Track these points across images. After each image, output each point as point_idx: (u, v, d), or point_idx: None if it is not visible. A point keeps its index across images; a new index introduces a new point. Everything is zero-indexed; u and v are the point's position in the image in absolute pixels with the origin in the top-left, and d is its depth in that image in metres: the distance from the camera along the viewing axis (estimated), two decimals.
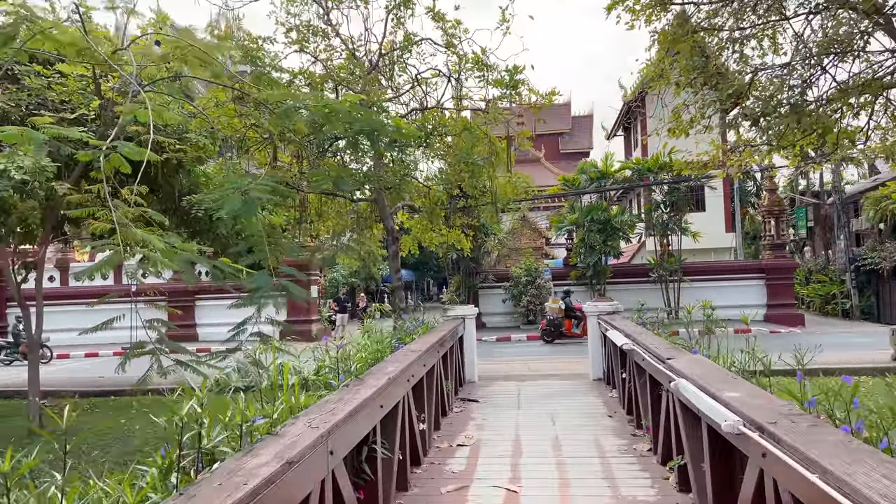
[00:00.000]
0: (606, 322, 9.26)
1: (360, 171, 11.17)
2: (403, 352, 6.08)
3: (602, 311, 10.12)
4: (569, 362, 15.75)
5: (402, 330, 8.08)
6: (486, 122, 12.45)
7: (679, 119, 12.04)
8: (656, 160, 24.38)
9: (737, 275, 25.60)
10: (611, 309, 10.12)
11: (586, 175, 25.47)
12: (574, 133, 67.87)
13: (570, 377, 12.58)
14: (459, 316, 10.26)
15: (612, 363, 9.06)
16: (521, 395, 9.19)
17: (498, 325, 26.06)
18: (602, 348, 10.07)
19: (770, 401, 3.51)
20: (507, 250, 33.85)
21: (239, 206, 9.22)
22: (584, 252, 24.33)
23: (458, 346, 9.61)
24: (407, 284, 49.98)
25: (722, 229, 30.32)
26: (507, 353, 19.33)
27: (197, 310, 27.18)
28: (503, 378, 12.78)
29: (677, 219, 24.60)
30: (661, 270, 24.39)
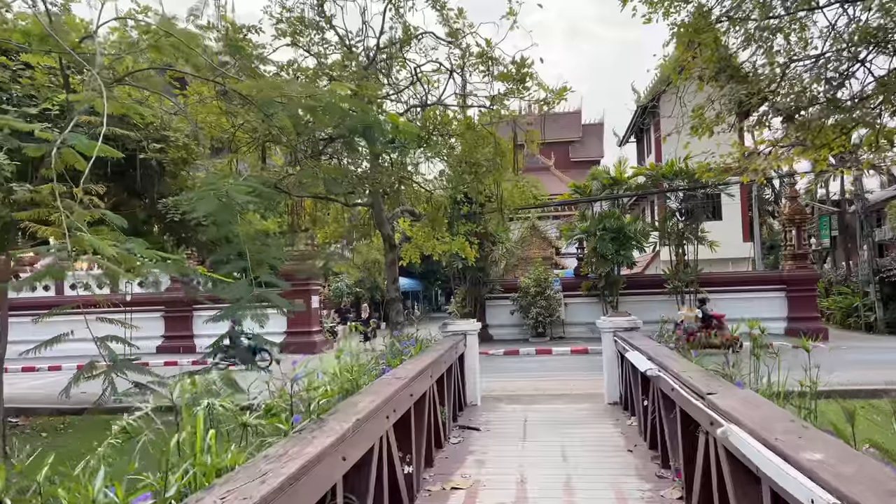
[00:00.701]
0: (624, 340, 8.25)
1: (353, 172, 10.24)
2: (386, 380, 5.10)
3: (618, 327, 9.11)
4: (579, 380, 14.69)
5: (393, 350, 7.11)
6: (492, 122, 11.49)
7: (702, 117, 11.03)
8: (671, 166, 23.33)
9: (756, 286, 24.46)
10: (628, 324, 9.11)
11: (598, 181, 24.45)
12: (584, 141, 66.92)
13: (581, 399, 11.54)
14: (460, 331, 9.28)
15: (630, 386, 8.04)
16: (527, 422, 8.18)
17: (506, 337, 25.03)
18: (618, 369, 9.05)
19: (872, 470, 2.51)
20: (515, 260, 32.84)
21: (215, 209, 8.32)
22: (596, 262, 23.28)
23: (458, 366, 8.62)
24: (413, 294, 48.99)
25: (739, 238, 29.18)
26: (515, 368, 18.28)
27: (195, 320, 26.30)
28: (508, 399, 11.76)
29: (693, 227, 23.51)
30: (676, 281, 23.30)
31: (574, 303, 25.04)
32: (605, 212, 23.83)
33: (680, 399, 4.78)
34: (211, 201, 8.14)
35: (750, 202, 28.49)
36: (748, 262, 29.46)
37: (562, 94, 10.18)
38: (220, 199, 8.37)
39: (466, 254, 14.76)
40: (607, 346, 9.26)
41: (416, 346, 6.93)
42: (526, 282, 24.17)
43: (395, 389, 4.69)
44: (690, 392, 4.48)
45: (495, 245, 25.09)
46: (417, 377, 5.53)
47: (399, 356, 6.65)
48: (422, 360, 6.25)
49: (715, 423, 3.83)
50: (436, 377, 6.61)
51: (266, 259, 9.38)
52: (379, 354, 6.37)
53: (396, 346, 7.17)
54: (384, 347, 7.92)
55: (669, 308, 23.63)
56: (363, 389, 4.70)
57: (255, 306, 8.41)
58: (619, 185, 24.25)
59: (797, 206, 24.17)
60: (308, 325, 25.37)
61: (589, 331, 24.83)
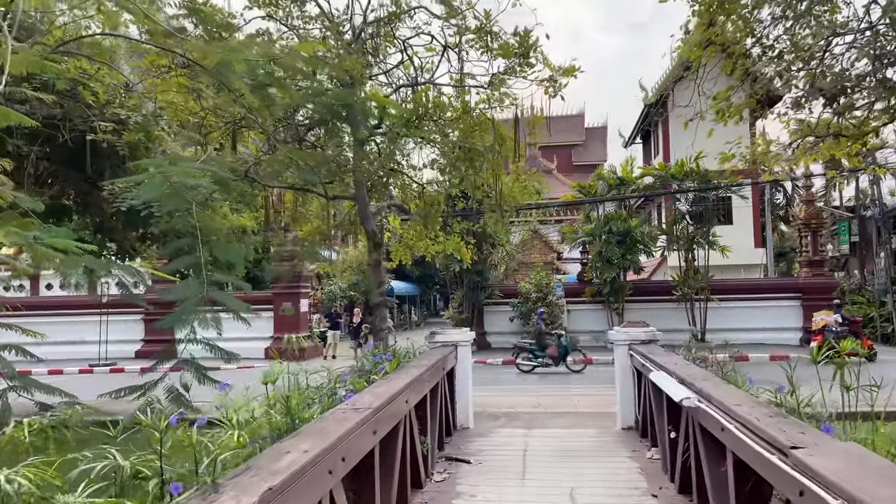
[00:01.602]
0: (643, 355, 6.96)
1: (332, 159, 8.98)
2: (340, 413, 3.82)
3: (634, 340, 7.82)
4: (584, 395, 13.39)
5: (364, 366, 5.83)
6: (490, 106, 10.21)
7: (728, 99, 9.76)
8: (681, 166, 22.08)
9: (770, 294, 23.15)
10: (646, 336, 7.82)
11: (604, 182, 23.18)
12: (588, 145, 65.83)
13: (588, 419, 10.25)
14: (449, 342, 7.99)
15: (650, 410, 6.75)
16: (527, 452, 6.87)
17: (505, 345, 23.67)
18: (633, 388, 7.75)
19: None
20: (515, 264, 31.55)
21: (164, 196, 7.04)
22: (601, 266, 21.99)
23: (447, 384, 7.33)
24: (410, 299, 47.65)
25: (750, 244, 27.85)
26: (514, 379, 16.96)
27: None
28: (506, 418, 10.47)
29: (704, 231, 22.23)
30: (685, 288, 21.99)
31: (577, 310, 23.73)
32: (611, 214, 22.55)
33: (738, 445, 3.49)
34: (154, 187, 6.86)
35: (762, 206, 27.21)
36: (759, 269, 28.15)
37: (571, 72, 8.92)
38: (168, 185, 7.12)
39: (462, 255, 13.48)
40: (620, 360, 7.97)
41: (391, 363, 5.64)
42: (526, 287, 22.88)
43: (347, 429, 3.40)
44: (758, 439, 3.19)
45: (495, 248, 23.81)
46: (387, 406, 4.24)
47: (369, 375, 5.37)
48: (396, 381, 4.95)
49: (810, 496, 2.55)
50: (415, 401, 5.32)
51: (227, 257, 8.13)
52: (341, 374, 5.08)
53: (369, 361, 5.90)
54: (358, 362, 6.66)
55: (678, 316, 22.36)
56: (304, 429, 3.41)
57: (205, 310, 7.15)
58: (625, 185, 22.98)
59: (814, 210, 22.90)
60: (296, 330, 24.05)
61: (593, 339, 23.51)
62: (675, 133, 28.49)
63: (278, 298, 24.28)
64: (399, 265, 36.98)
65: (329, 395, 4.72)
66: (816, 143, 11.38)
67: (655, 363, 6.12)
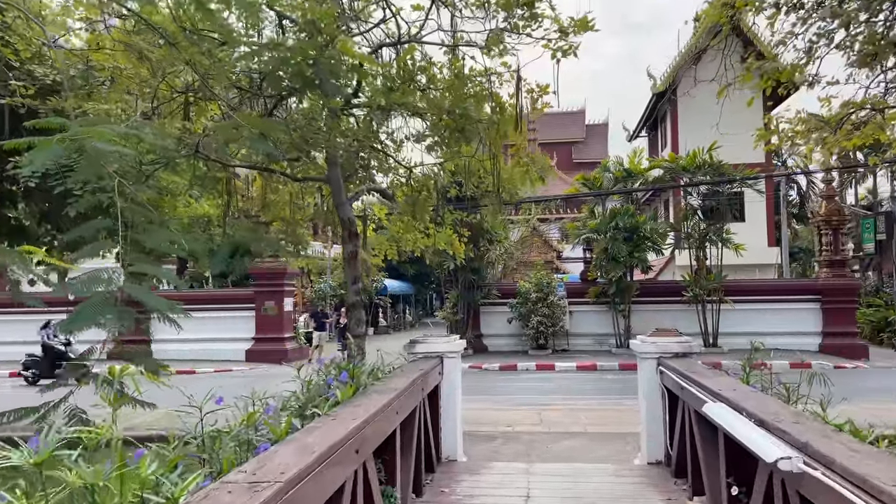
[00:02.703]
0: (679, 374, 5.39)
1: (297, 127, 7.39)
2: (221, 492, 2.23)
3: (664, 352, 6.24)
4: (592, 409, 11.82)
5: (312, 391, 4.24)
6: (487, 79, 8.61)
7: (775, 59, 8.17)
8: (693, 158, 20.52)
9: (787, 296, 21.58)
10: (680, 348, 6.24)
11: (610, 174, 21.59)
12: (588, 142, 64.32)
13: (601, 443, 8.67)
14: (433, 353, 6.41)
15: (690, 445, 5.17)
16: (530, 501, 5.27)
17: (502, 349, 22.14)
18: (663, 412, 6.17)
19: None
20: (514, 263, 29.97)
21: (69, 161, 5.45)
22: (606, 265, 20.39)
23: (428, 408, 5.75)
24: (405, 298, 46.07)
25: (764, 242, 26.29)
26: (513, 389, 15.40)
27: (153, 322, 23.26)
28: (503, 440, 8.88)
29: (718, 228, 20.65)
30: (697, 289, 20.42)
31: (580, 311, 22.15)
32: (617, 208, 20.96)
33: None
34: (50, 151, 5.24)
35: (777, 203, 25.69)
36: (773, 269, 26.61)
37: (585, 26, 7.35)
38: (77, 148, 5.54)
39: (454, 249, 11.91)
40: (647, 378, 6.38)
41: (344, 389, 4.04)
42: (526, 286, 21.28)
43: None
44: None
45: (492, 244, 22.22)
46: (315, 471, 2.65)
47: (311, 409, 3.77)
48: (342, 422, 3.36)
49: None
50: (373, 445, 3.75)
51: (154, 244, 6.52)
52: (262, 411, 3.48)
53: (319, 384, 4.31)
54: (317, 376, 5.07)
55: (687, 319, 20.80)
56: None
57: (115, 311, 5.52)
58: (633, 178, 21.41)
59: (835, 206, 21.34)
60: (279, 330, 22.50)
61: (596, 343, 21.98)
62: (684, 124, 26.97)
63: (260, 297, 22.69)
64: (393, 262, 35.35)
65: (239, 445, 3.13)
66: (861, 124, 9.84)
67: (708, 390, 4.54)
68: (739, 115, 22.47)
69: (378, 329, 38.75)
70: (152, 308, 5.68)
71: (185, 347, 22.75)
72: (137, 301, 5.80)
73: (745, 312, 21.07)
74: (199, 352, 22.56)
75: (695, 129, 25.26)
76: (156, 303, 5.70)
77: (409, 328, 43.45)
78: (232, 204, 10.59)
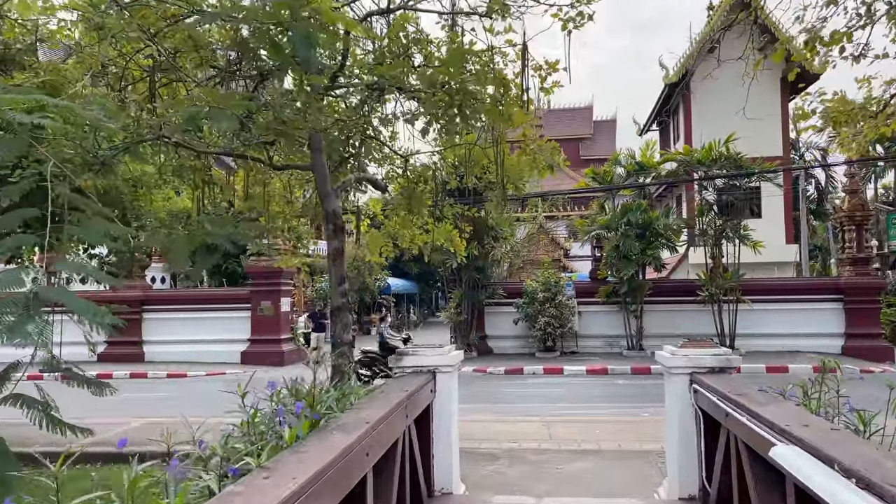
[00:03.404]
0: (721, 396, 4.41)
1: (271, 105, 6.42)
2: None
3: (698, 367, 5.24)
4: (606, 420, 10.84)
5: (262, 422, 3.28)
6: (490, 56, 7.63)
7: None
8: (709, 150, 19.45)
9: (807, 296, 20.51)
10: (716, 362, 5.24)
11: (621, 168, 20.56)
12: (596, 138, 63.25)
13: (620, 464, 7.68)
14: (424, 368, 5.44)
15: (737, 483, 4.19)
16: None
17: (508, 351, 21.15)
18: (698, 438, 5.17)
19: None
20: (521, 262, 28.97)
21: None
22: (618, 263, 19.37)
23: (415, 435, 4.78)
24: (410, 298, 45.17)
25: (781, 239, 25.18)
26: (519, 396, 14.43)
27: (145, 324, 22.48)
28: (507, 461, 7.91)
29: (735, 224, 19.58)
30: (713, 288, 19.36)
31: (589, 311, 21.14)
32: (629, 203, 19.92)
33: None
34: None
35: (795, 198, 24.59)
36: (792, 268, 25.52)
37: None
38: None
39: (455, 246, 10.94)
40: (677, 397, 5.38)
41: (291, 430, 3.03)
42: (533, 286, 20.28)
43: None
44: None
45: (497, 241, 21.22)
46: None
47: (243, 458, 2.80)
48: (281, 480, 2.39)
49: None
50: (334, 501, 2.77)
51: (89, 236, 5.69)
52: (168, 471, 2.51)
53: (268, 416, 3.34)
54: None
55: (702, 320, 19.79)
56: None
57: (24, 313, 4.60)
58: (645, 172, 20.36)
59: (858, 200, 20.24)
60: (276, 332, 21.58)
61: (607, 345, 20.97)
62: (698, 116, 25.90)
63: (256, 296, 21.77)
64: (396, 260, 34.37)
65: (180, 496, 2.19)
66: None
67: (760, 419, 3.57)
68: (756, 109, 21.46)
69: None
70: (76, 311, 4.77)
71: (179, 349, 21.91)
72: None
73: (764, 313, 20.04)
74: (193, 353, 21.70)
75: (709, 122, 24.19)
76: (79, 306, 4.79)
77: (413, 328, 42.48)
78: (209, 196, 9.64)
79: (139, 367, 20.60)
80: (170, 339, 22.04)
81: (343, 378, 7.93)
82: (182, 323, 22.22)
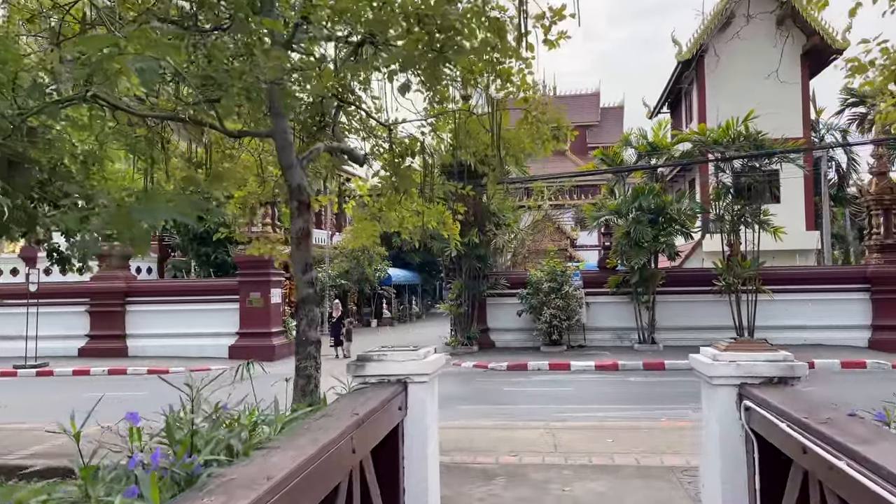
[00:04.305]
0: (800, 426, 3.13)
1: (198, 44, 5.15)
2: None
3: (750, 376, 3.98)
4: (623, 422, 9.58)
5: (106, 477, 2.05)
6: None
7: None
8: (726, 130, 18.10)
9: (832, 286, 19.17)
10: (775, 370, 3.96)
11: (632, 149, 19.23)
12: (603, 125, 61.80)
13: (641, 483, 6.42)
14: (394, 377, 4.18)
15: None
16: None
17: (511, 344, 19.92)
18: (750, 470, 3.90)
19: None
20: (525, 251, 27.70)
21: None
22: (628, 251, 18.06)
23: (373, 473, 3.54)
24: (412, 288, 43.90)
25: (801, 225, 23.79)
26: (522, 395, 13.20)
27: (128, 317, 21.32)
28: (504, 480, 6.66)
29: (755, 209, 18.24)
30: (731, 278, 18.05)
31: (598, 303, 19.86)
32: (640, 187, 18.58)
33: None
34: None
35: (816, 182, 23.19)
36: (813, 256, 24.14)
37: None
38: None
39: (448, 230, 9.68)
40: (719, 413, 4.11)
41: (157, 485, 1.85)
42: (538, 275, 18.99)
43: None
44: None
45: (500, 228, 19.94)
46: None
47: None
48: None
49: None
50: None
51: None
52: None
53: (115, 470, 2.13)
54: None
55: (718, 311, 18.51)
56: None
57: None
58: (658, 153, 19.01)
59: (887, 182, 18.85)
60: (266, 325, 20.41)
61: (616, 338, 19.71)
62: (712, 96, 24.48)
63: (245, 287, 20.57)
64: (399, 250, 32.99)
65: None
66: None
67: (874, 468, 2.30)
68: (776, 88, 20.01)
69: (381, 321, 36.65)
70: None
71: (164, 343, 20.75)
72: None
73: (784, 304, 18.74)
74: (179, 348, 20.60)
75: (724, 102, 22.82)
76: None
77: (415, 320, 41.25)
78: (171, 171, 8.38)
79: (121, 362, 19.46)
80: (154, 332, 20.92)
81: (309, 384, 6.73)
82: (167, 315, 21.09)
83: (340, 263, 33.44)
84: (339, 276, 32.86)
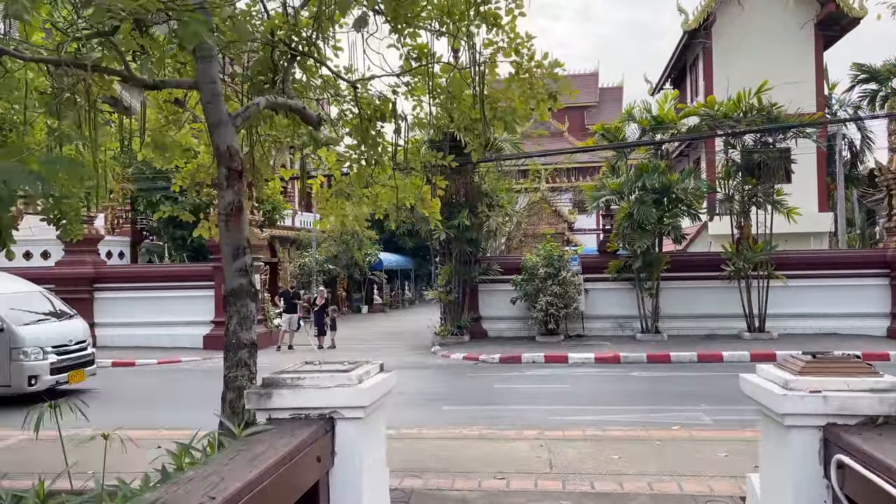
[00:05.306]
0: None
1: None
2: None
3: (844, 413, 2.67)
4: (628, 429, 8.26)
5: None
6: None
7: None
8: (738, 103, 16.70)
9: (848, 270, 17.88)
10: (882, 406, 2.65)
11: (635, 123, 17.83)
12: (601, 106, 60.33)
13: None
14: (314, 412, 2.85)
15: None
16: None
17: (504, 334, 18.63)
18: None
19: None
20: (521, 235, 26.34)
21: None
22: (631, 233, 16.72)
23: None
24: (404, 273, 42.57)
25: (814, 207, 22.43)
26: (514, 394, 11.92)
27: (96, 304, 19.95)
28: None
29: (767, 189, 16.89)
30: (741, 262, 16.74)
31: (597, 289, 18.56)
32: (644, 164, 17.21)
33: None
34: None
35: (830, 161, 21.83)
36: (826, 239, 22.83)
37: None
38: None
39: (427, 207, 8.33)
40: (792, 464, 2.79)
41: None
42: (533, 260, 17.64)
43: None
44: None
45: (492, 209, 18.56)
46: None
47: None
48: None
49: None
50: None
51: None
52: None
53: None
54: None
55: (727, 298, 17.22)
56: None
57: None
58: (663, 128, 17.60)
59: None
60: None
61: (618, 327, 18.43)
62: (719, 68, 23.00)
63: (221, 273, 19.12)
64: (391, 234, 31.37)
65: None
66: None
67: None
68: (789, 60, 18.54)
69: (372, 307, 35.35)
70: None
71: (135, 332, 19.41)
72: None
73: (797, 290, 17.47)
74: (151, 337, 19.34)
75: (733, 75, 21.33)
76: None
77: (407, 306, 39.96)
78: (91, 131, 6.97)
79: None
80: (124, 321, 19.59)
81: (240, 398, 5.38)
82: (138, 303, 19.79)
83: (328, 248, 32.02)
84: (326, 261, 31.48)
